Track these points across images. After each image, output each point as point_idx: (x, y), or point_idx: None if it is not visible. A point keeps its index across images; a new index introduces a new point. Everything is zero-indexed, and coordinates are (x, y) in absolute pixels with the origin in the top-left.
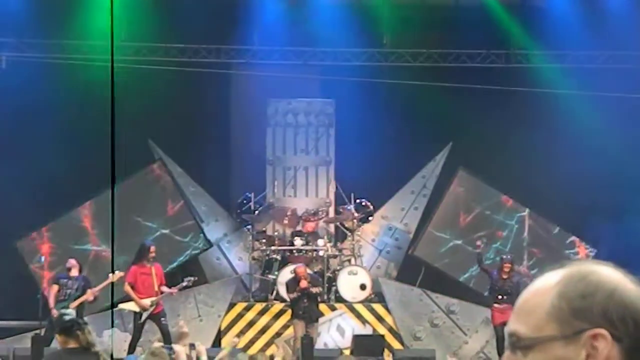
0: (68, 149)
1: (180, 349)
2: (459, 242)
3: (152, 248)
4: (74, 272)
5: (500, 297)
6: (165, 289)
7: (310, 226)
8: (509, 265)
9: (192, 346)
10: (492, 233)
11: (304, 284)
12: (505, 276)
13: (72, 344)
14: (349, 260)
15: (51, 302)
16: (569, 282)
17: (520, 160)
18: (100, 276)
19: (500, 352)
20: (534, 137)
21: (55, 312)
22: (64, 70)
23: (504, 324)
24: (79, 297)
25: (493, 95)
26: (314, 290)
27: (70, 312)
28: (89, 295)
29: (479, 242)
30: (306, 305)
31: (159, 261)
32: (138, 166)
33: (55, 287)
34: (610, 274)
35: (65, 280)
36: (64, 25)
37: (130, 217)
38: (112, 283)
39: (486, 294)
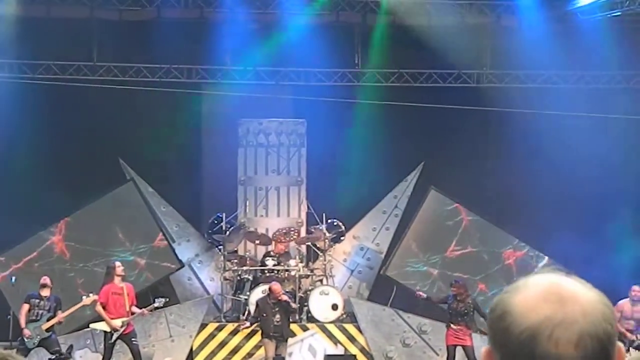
0: (37, 170)
1: None
2: (431, 261)
3: (118, 264)
4: (46, 292)
5: (455, 319)
6: (136, 309)
7: (281, 246)
8: (455, 289)
9: None
10: (463, 252)
11: (283, 297)
12: (458, 298)
13: None
14: (321, 280)
15: (22, 321)
16: None
17: (492, 180)
18: (72, 296)
19: None
20: (506, 157)
21: (26, 332)
22: (34, 90)
23: (456, 345)
24: (50, 317)
25: (465, 115)
26: (294, 305)
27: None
28: (60, 318)
29: (419, 293)
30: (278, 325)
31: (129, 281)
32: (110, 186)
33: (26, 307)
34: None
35: (37, 300)
36: (34, 45)
37: (102, 236)
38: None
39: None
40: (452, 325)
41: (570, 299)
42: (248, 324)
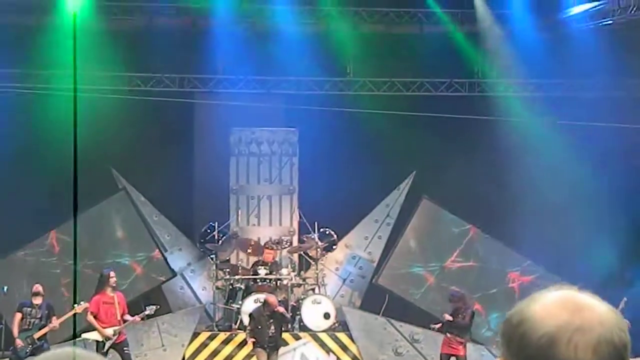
0: (29, 179)
1: None
2: (423, 271)
3: (112, 274)
4: (38, 300)
5: (450, 329)
6: (128, 317)
7: (273, 255)
8: (454, 303)
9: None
10: (457, 260)
11: (280, 309)
12: (459, 312)
13: None
14: (313, 289)
15: (15, 331)
16: None
17: (484, 189)
18: (53, 294)
19: None
20: (498, 166)
21: (19, 342)
22: (26, 100)
23: (449, 355)
24: (43, 326)
25: (456, 123)
26: (288, 316)
27: None
28: (52, 326)
29: (445, 316)
30: (272, 336)
31: (121, 290)
32: (101, 196)
33: (19, 315)
34: None
35: (29, 309)
36: (26, 54)
37: (94, 245)
38: (76, 314)
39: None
40: (447, 334)
41: (587, 307)
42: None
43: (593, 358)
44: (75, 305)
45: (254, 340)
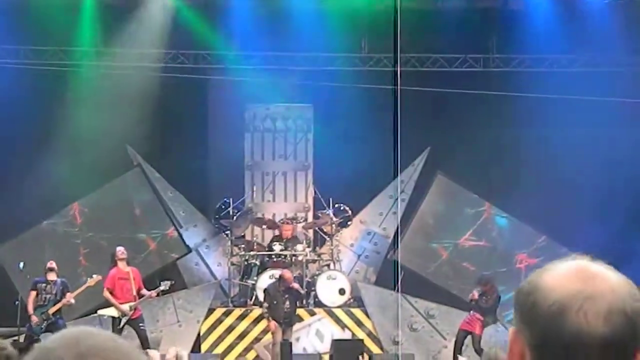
0: (46, 155)
1: (154, 353)
2: (438, 246)
3: (120, 249)
4: (52, 276)
5: (474, 309)
6: (144, 292)
7: (288, 231)
8: (482, 286)
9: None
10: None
11: (295, 285)
12: (486, 296)
13: None
14: (328, 265)
15: (30, 308)
16: None
17: (499, 164)
18: (71, 264)
19: (455, 355)
20: (513, 141)
21: (34, 318)
22: (41, 76)
23: (466, 332)
24: (57, 302)
25: (471, 99)
26: (302, 291)
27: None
28: (66, 301)
29: (473, 294)
30: (287, 311)
31: (135, 265)
32: (117, 172)
33: (34, 293)
34: None
35: (44, 285)
36: (42, 31)
37: (110, 220)
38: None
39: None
40: (471, 311)
41: (598, 275)
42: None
43: (604, 326)
44: (88, 278)
45: (269, 316)
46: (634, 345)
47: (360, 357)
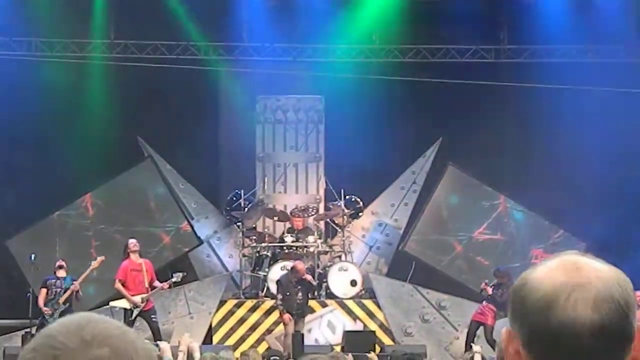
0: (58, 147)
1: (165, 345)
2: (449, 237)
3: (132, 241)
4: (62, 273)
5: (488, 300)
6: (157, 284)
7: (299, 223)
8: (499, 278)
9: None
10: (481, 227)
11: (308, 277)
12: (502, 288)
13: None
14: (340, 257)
15: (41, 304)
16: None
17: (511, 155)
18: (82, 255)
19: (467, 346)
20: (524, 132)
21: (46, 309)
22: (52, 69)
23: (478, 323)
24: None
25: (483, 90)
26: (314, 283)
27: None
28: (74, 287)
29: (483, 285)
30: (300, 303)
31: (148, 259)
32: (128, 164)
33: (44, 290)
34: None
35: (54, 281)
36: (53, 23)
37: (122, 212)
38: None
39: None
40: (484, 302)
41: (585, 267)
42: None
43: (593, 314)
44: (92, 262)
45: (283, 308)
46: (624, 332)
47: (371, 352)
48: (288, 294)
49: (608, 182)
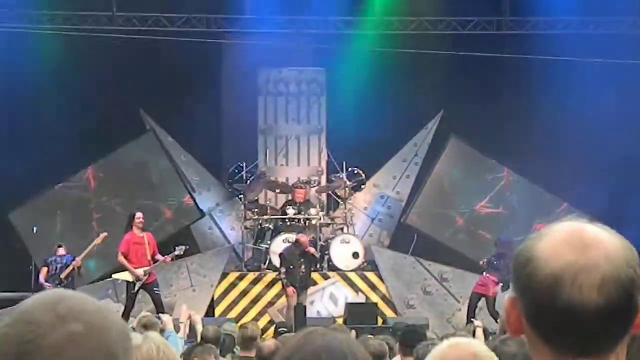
0: (59, 118)
1: (167, 318)
2: (451, 209)
3: (138, 215)
4: (62, 252)
5: (489, 270)
6: (159, 257)
7: (301, 195)
8: (500, 247)
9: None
10: (483, 201)
11: (311, 249)
12: (503, 258)
13: None
14: (342, 229)
15: (42, 279)
16: None
17: (513, 127)
18: (83, 228)
19: (469, 318)
20: (526, 104)
21: (47, 285)
22: (53, 41)
23: (479, 295)
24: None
25: (484, 62)
26: (317, 255)
27: None
28: (76, 263)
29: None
30: (302, 275)
31: (151, 232)
32: (130, 136)
33: (45, 269)
34: None
35: (54, 258)
36: None
37: (123, 184)
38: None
39: (482, 262)
40: (484, 272)
41: (593, 244)
42: None
43: (598, 297)
44: (95, 239)
45: (287, 281)
46: (630, 310)
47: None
48: (292, 267)
49: (612, 154)
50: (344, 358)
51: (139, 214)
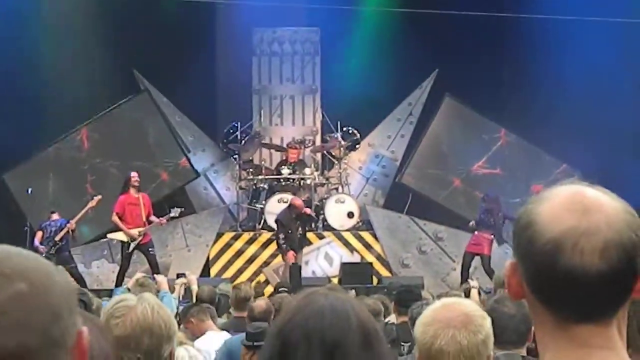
0: (53, 79)
1: (162, 279)
2: (447, 169)
3: (134, 174)
4: (56, 217)
5: (481, 227)
6: (153, 218)
7: (296, 155)
8: (487, 204)
9: (181, 276)
10: (480, 161)
11: (308, 210)
12: (490, 213)
13: None
14: (336, 189)
15: (37, 243)
16: None
17: (508, 86)
18: (78, 190)
19: (464, 278)
20: (522, 63)
21: (41, 248)
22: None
23: (473, 254)
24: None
25: (480, 21)
26: (314, 215)
27: None
28: (70, 225)
29: (471, 223)
30: (300, 237)
31: (146, 193)
32: (123, 96)
33: (40, 233)
34: None
35: (48, 223)
36: None
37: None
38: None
39: (471, 223)
40: (476, 232)
41: (594, 208)
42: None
43: (600, 262)
44: (90, 202)
45: (287, 246)
46: (631, 275)
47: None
48: (290, 231)
49: (614, 116)
50: (347, 318)
51: (134, 174)
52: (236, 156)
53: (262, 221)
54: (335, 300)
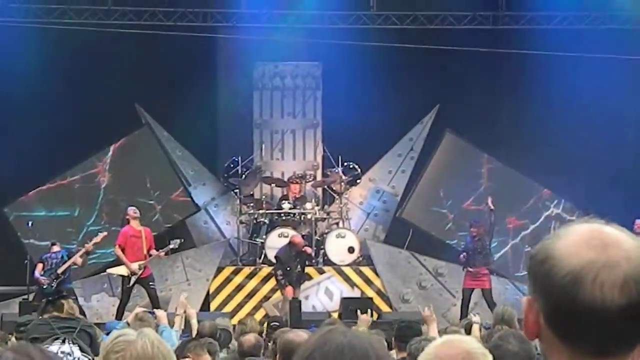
0: (52, 114)
1: (162, 313)
2: (445, 208)
3: (132, 209)
4: (56, 248)
5: (473, 261)
6: (154, 252)
7: (297, 189)
8: (475, 229)
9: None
10: (479, 195)
11: (308, 249)
12: (476, 238)
13: (55, 313)
14: (337, 224)
15: (37, 275)
16: None
17: (508, 122)
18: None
19: (463, 314)
20: (522, 99)
21: (43, 280)
22: (49, 35)
23: (471, 290)
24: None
25: (480, 57)
26: (313, 254)
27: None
28: (74, 260)
29: (461, 256)
30: (298, 273)
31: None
32: (125, 131)
33: (40, 265)
34: None
35: (49, 255)
36: None
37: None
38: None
39: (462, 257)
40: (469, 268)
41: (613, 243)
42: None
43: (620, 296)
44: (94, 237)
45: (285, 282)
46: None
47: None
48: (288, 268)
49: (605, 150)
50: (366, 356)
51: (131, 208)
52: (237, 190)
53: (263, 256)
54: (354, 338)
